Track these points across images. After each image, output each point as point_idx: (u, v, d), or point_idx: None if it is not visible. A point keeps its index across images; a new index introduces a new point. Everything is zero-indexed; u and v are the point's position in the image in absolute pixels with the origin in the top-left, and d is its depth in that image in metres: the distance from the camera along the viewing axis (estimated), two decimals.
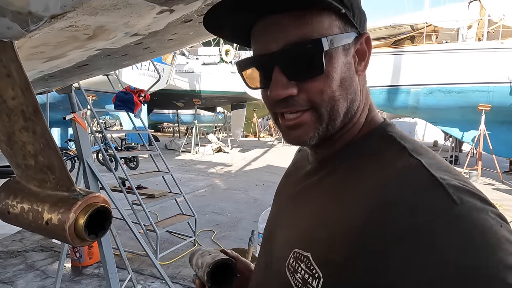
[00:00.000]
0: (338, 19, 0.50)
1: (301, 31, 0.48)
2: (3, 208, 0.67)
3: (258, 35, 0.52)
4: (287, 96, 0.50)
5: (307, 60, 0.49)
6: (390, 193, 0.44)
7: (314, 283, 0.47)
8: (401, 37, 11.25)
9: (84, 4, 0.50)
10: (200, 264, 0.74)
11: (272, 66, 0.50)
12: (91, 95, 8.00)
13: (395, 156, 0.49)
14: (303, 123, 0.52)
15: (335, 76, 0.50)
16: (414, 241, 0.39)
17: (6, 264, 3.48)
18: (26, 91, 0.57)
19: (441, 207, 0.40)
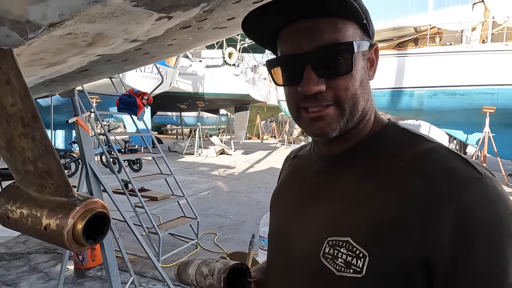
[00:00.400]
0: (359, 29, 0.58)
1: (334, 35, 0.55)
2: (3, 213, 0.67)
3: (291, 36, 0.58)
4: (316, 92, 0.56)
5: (339, 60, 0.56)
6: (423, 170, 0.51)
7: (359, 263, 0.51)
8: (405, 39, 11.22)
9: (82, 12, 0.51)
10: (207, 272, 0.71)
11: (304, 65, 0.56)
12: (94, 98, 8.06)
13: (415, 142, 0.57)
14: (327, 115, 0.57)
15: (357, 77, 0.58)
16: (452, 212, 0.47)
17: (9, 266, 3.50)
18: (25, 98, 0.58)
19: (471, 178, 0.49)
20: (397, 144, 0.59)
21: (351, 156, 0.62)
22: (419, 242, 0.48)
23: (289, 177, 0.76)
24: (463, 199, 0.48)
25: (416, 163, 0.53)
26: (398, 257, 0.49)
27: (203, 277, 0.70)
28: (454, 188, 0.49)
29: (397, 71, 10.65)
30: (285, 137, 19.24)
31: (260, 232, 3.23)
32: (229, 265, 0.68)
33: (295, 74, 0.57)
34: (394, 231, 0.50)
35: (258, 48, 17.59)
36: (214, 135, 17.91)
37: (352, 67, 0.56)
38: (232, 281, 0.68)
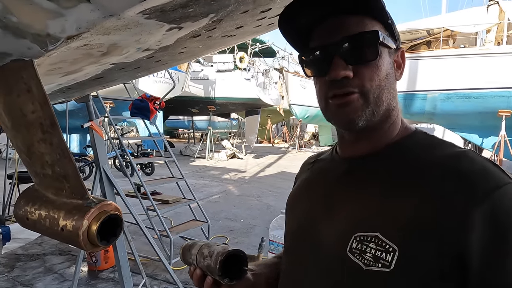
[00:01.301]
0: (384, 29, 0.63)
1: (361, 28, 0.60)
2: (23, 215, 0.71)
3: (322, 31, 0.63)
4: (343, 78, 0.59)
5: (364, 47, 0.60)
6: (456, 170, 0.53)
7: (388, 257, 0.52)
8: (417, 42, 11.11)
9: (98, 25, 0.54)
10: (207, 254, 0.73)
11: (333, 54, 0.60)
12: (108, 102, 8.22)
13: (446, 146, 0.60)
14: (352, 101, 0.60)
15: (383, 68, 0.61)
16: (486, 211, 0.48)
17: (26, 267, 3.59)
18: (44, 106, 0.61)
19: (503, 181, 0.51)
20: (428, 147, 0.60)
21: (379, 158, 0.63)
22: (451, 240, 0.49)
23: (311, 179, 0.77)
24: (496, 199, 0.49)
25: (448, 164, 0.55)
26: (428, 252, 0.50)
27: (203, 258, 0.73)
28: (488, 188, 0.50)
29: (410, 74, 10.53)
30: (296, 141, 19.19)
31: (270, 236, 3.23)
32: (227, 250, 0.71)
33: (325, 64, 0.61)
34: (425, 228, 0.51)
35: (269, 52, 17.65)
36: (225, 139, 18.00)
37: (377, 54, 0.59)
38: (229, 265, 0.70)
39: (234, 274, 0.71)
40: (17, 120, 0.65)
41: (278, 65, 17.31)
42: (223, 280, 0.70)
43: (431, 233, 0.50)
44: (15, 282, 3.29)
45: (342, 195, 0.64)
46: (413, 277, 0.51)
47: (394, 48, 0.65)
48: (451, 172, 0.53)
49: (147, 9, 0.54)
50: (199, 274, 0.74)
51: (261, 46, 16.17)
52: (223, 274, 0.69)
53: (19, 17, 0.49)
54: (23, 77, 0.60)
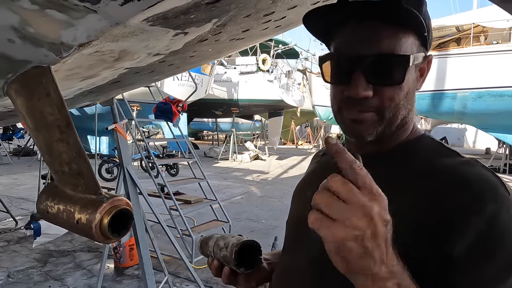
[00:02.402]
0: (418, 39, 0.58)
1: (392, 45, 0.55)
2: (44, 208, 0.77)
3: (349, 36, 0.58)
4: (362, 97, 0.56)
5: (392, 71, 0.56)
6: (457, 178, 0.53)
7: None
8: (446, 39, 10.73)
9: (106, 33, 0.59)
10: (223, 245, 0.77)
11: (356, 67, 0.56)
12: (135, 106, 8.50)
13: (450, 154, 0.59)
14: (366, 120, 0.58)
15: (405, 89, 0.58)
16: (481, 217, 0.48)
17: (57, 263, 3.79)
18: (61, 108, 0.67)
19: (501, 195, 0.51)
20: (432, 153, 0.60)
21: (385, 160, 0.63)
22: (440, 243, 0.50)
23: (317, 172, 0.78)
24: (492, 211, 0.49)
25: (449, 171, 0.55)
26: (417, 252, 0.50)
27: (219, 249, 0.77)
28: (485, 199, 0.50)
29: (438, 73, 10.19)
30: (320, 143, 19.00)
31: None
32: (242, 240, 0.74)
33: (345, 75, 0.57)
34: (421, 230, 0.51)
35: (292, 53, 17.61)
36: (249, 140, 18.11)
37: (403, 79, 0.56)
38: (244, 255, 0.73)
39: (249, 263, 0.74)
40: (38, 122, 0.71)
41: (301, 66, 17.22)
42: (239, 269, 0.73)
43: (426, 235, 0.51)
44: (48, 276, 3.47)
45: None
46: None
47: (424, 56, 0.61)
48: (451, 179, 0.53)
49: (150, 16, 0.58)
50: (217, 265, 0.78)
51: (283, 47, 16.17)
52: (238, 264, 0.73)
53: (35, 28, 0.54)
54: (42, 82, 0.66)
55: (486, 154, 16.84)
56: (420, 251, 0.51)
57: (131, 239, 3.42)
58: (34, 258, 3.85)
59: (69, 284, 3.33)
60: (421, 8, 0.57)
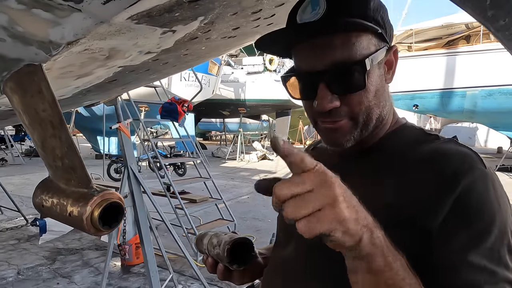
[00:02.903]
0: (374, 37, 0.59)
1: (347, 52, 0.56)
2: (39, 202, 0.80)
3: (304, 53, 0.59)
4: (331, 109, 0.58)
5: (351, 78, 0.57)
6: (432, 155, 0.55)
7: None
8: (455, 37, 10.58)
9: (92, 31, 0.61)
10: (216, 243, 0.78)
11: (318, 82, 0.57)
12: (143, 106, 8.59)
13: (429, 140, 0.60)
14: (340, 127, 0.60)
15: (372, 89, 0.59)
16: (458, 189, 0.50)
17: (66, 260, 3.86)
18: (53, 104, 0.70)
19: (476, 167, 0.52)
20: (413, 142, 0.61)
21: (366, 154, 0.64)
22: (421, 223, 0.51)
23: None
24: (467, 183, 0.50)
25: (429, 153, 0.56)
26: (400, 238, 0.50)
27: (213, 247, 0.78)
28: (460, 170, 0.51)
29: (447, 71, 10.06)
30: None
31: None
32: (234, 238, 0.75)
33: (310, 90, 0.59)
34: (399, 214, 0.53)
35: None
36: (256, 140, 18.12)
37: (364, 83, 0.57)
38: (237, 252, 0.75)
39: (242, 260, 0.75)
40: (32, 118, 0.73)
41: None
42: (232, 267, 0.75)
43: (405, 219, 0.52)
44: (56, 273, 3.54)
45: None
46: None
47: (386, 49, 0.61)
48: (428, 160, 0.55)
49: (134, 15, 0.61)
50: (211, 262, 0.80)
51: None
52: (231, 261, 0.74)
53: (24, 27, 0.57)
54: (34, 80, 0.69)
55: (498, 153, 16.54)
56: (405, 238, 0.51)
57: (137, 237, 3.46)
58: (43, 256, 3.93)
59: (77, 281, 3.40)
60: (367, 7, 0.57)
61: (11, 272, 3.53)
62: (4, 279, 3.38)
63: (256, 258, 0.79)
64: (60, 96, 1.16)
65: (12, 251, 4.08)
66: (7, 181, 7.07)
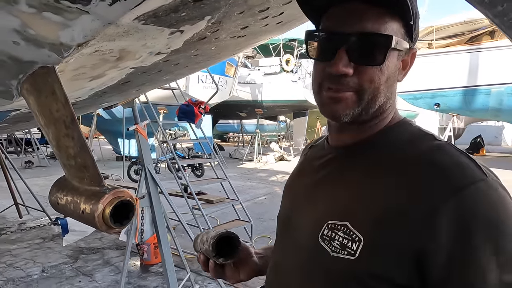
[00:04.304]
0: (403, 28, 0.59)
1: (377, 26, 0.56)
2: (55, 200, 0.83)
3: (337, 14, 0.58)
4: (342, 75, 0.57)
5: (373, 50, 0.56)
6: (429, 163, 0.53)
7: (354, 246, 0.54)
8: (478, 33, 10.23)
9: (101, 33, 0.63)
10: (205, 239, 0.80)
11: (340, 45, 0.56)
12: (162, 109, 8.74)
13: (425, 139, 0.58)
14: (345, 99, 0.58)
15: (386, 72, 0.58)
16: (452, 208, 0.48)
17: (87, 259, 3.97)
18: (65, 105, 0.72)
19: (476, 177, 0.50)
20: (408, 139, 0.60)
21: (362, 148, 0.63)
22: (416, 234, 0.49)
23: (302, 166, 0.80)
24: (466, 196, 0.48)
25: (422, 156, 0.54)
26: (392, 245, 0.51)
27: (202, 244, 0.80)
28: (458, 184, 0.49)
29: (470, 68, 9.75)
30: None
31: None
32: (219, 233, 0.77)
33: (329, 52, 0.58)
34: (392, 219, 0.51)
35: None
36: (274, 141, 18.10)
37: (383, 60, 0.56)
38: (223, 247, 0.76)
39: (228, 254, 0.77)
40: (47, 118, 0.76)
41: None
42: (218, 260, 0.76)
43: (398, 227, 0.51)
44: (78, 272, 3.65)
45: (324, 184, 0.66)
46: (375, 267, 0.52)
47: (407, 48, 0.61)
48: (425, 166, 0.53)
49: (140, 15, 0.62)
50: (203, 259, 0.81)
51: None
52: (217, 255, 0.75)
53: (35, 30, 0.59)
54: (48, 81, 0.71)
55: None
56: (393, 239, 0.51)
57: (155, 236, 3.52)
58: (66, 255, 4.06)
59: (98, 279, 3.48)
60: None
61: (36, 269, 3.66)
62: (29, 277, 3.51)
63: (252, 257, 0.80)
64: (77, 98, 1.19)
65: (37, 249, 4.23)
66: (33, 182, 7.34)
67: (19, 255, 4.06)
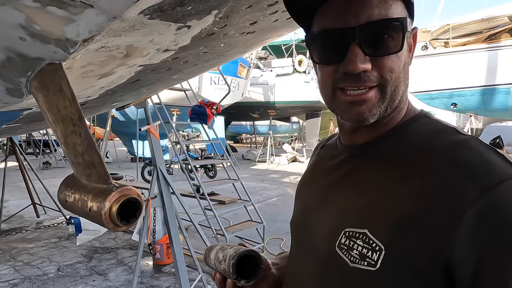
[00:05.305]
0: (405, 8, 0.55)
1: (384, 11, 0.51)
2: (63, 198, 0.83)
3: (335, 9, 0.53)
4: (361, 71, 0.51)
5: (388, 38, 0.52)
6: (452, 161, 0.48)
7: (374, 256, 0.49)
8: (497, 31, 9.95)
9: (106, 28, 0.62)
10: (222, 258, 0.74)
11: (350, 41, 0.51)
12: (175, 110, 8.82)
13: (447, 133, 0.53)
14: (368, 99, 0.53)
15: (402, 58, 0.54)
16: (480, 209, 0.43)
17: (101, 258, 4.02)
18: (72, 102, 0.72)
19: (506, 174, 0.45)
20: (427, 135, 0.55)
21: (377, 146, 0.58)
22: (441, 242, 0.45)
23: (314, 167, 0.75)
24: (495, 195, 0.44)
25: (448, 154, 0.49)
26: (416, 254, 0.46)
27: (219, 262, 0.74)
28: (487, 183, 0.44)
29: (489, 67, 9.49)
30: None
31: None
32: (239, 252, 0.71)
33: (338, 51, 0.53)
34: (415, 225, 0.47)
35: None
36: (287, 143, 18.03)
37: (402, 45, 0.52)
38: (243, 266, 0.70)
39: (249, 274, 0.71)
40: (55, 115, 0.76)
41: None
42: (239, 282, 0.70)
43: (421, 234, 0.46)
44: (92, 271, 3.70)
45: (338, 186, 0.61)
46: (398, 279, 0.48)
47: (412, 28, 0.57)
48: (449, 164, 0.48)
49: (145, 9, 0.61)
50: (220, 278, 0.75)
51: None
52: (238, 277, 0.69)
53: (40, 25, 0.59)
54: (55, 78, 0.71)
55: None
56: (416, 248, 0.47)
57: (167, 236, 3.54)
58: (81, 254, 4.12)
59: (111, 279, 3.52)
60: None
61: (52, 268, 3.73)
62: (46, 275, 3.57)
63: (269, 270, 0.74)
64: (87, 97, 1.20)
65: (53, 248, 4.32)
66: (50, 182, 7.50)
67: (36, 254, 4.14)
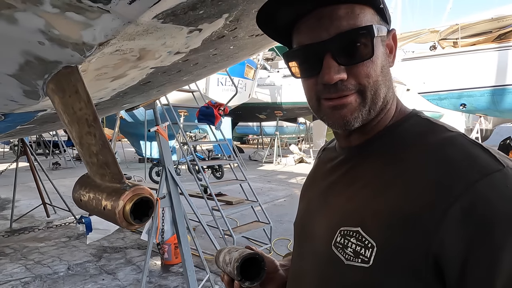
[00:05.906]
0: (376, 14, 0.57)
1: (352, 21, 0.54)
2: (78, 197, 0.85)
3: (308, 26, 0.56)
4: (337, 81, 0.54)
5: (359, 46, 0.54)
6: (439, 158, 0.50)
7: (367, 253, 0.51)
8: (507, 30, 9.82)
9: (121, 32, 0.64)
10: (228, 260, 0.78)
11: (323, 54, 0.54)
12: (183, 111, 8.88)
13: (436, 131, 0.55)
14: (348, 103, 0.55)
15: (378, 63, 0.56)
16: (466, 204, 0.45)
17: (110, 258, 4.07)
18: (88, 103, 0.74)
19: (491, 168, 0.46)
20: (418, 134, 0.57)
21: (370, 147, 0.61)
22: (430, 238, 0.46)
23: (316, 170, 0.78)
24: (479, 190, 0.45)
25: (434, 152, 0.51)
26: (407, 249, 0.48)
27: (226, 265, 0.78)
28: (471, 178, 0.46)
29: (499, 67, 9.36)
30: None
31: None
32: (243, 255, 0.74)
33: (314, 65, 0.56)
34: (405, 222, 0.49)
35: None
36: (293, 143, 18.01)
37: (373, 51, 0.54)
38: (248, 269, 0.73)
39: (253, 276, 0.74)
40: (71, 117, 0.78)
41: None
42: (244, 284, 0.73)
43: (411, 230, 0.48)
44: (102, 270, 3.75)
45: (336, 186, 0.64)
46: (391, 274, 0.49)
47: (387, 31, 0.59)
48: (437, 162, 0.50)
49: (159, 13, 0.63)
50: (227, 280, 0.79)
51: None
52: (242, 279, 0.73)
53: (59, 29, 0.61)
54: (71, 81, 0.73)
55: None
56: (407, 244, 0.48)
57: (175, 236, 3.57)
58: (91, 253, 4.18)
59: (120, 278, 3.56)
60: None
61: (62, 267, 3.78)
62: (56, 274, 3.63)
63: (277, 272, 0.77)
64: (100, 99, 1.23)
65: (64, 247, 4.38)
66: (60, 183, 7.60)
67: (46, 253, 4.21)
